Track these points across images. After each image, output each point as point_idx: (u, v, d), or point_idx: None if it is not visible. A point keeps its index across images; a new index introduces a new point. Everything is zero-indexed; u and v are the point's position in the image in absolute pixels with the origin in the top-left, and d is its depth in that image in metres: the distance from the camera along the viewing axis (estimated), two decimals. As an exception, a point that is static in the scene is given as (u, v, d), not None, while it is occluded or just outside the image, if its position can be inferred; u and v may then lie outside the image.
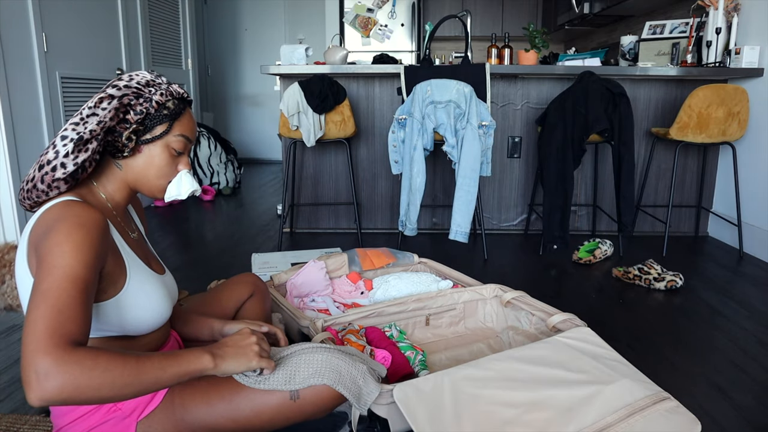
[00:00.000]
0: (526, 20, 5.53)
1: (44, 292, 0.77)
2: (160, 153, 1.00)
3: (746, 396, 1.48)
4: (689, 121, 2.64)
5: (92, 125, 0.92)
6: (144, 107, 0.97)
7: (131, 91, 0.97)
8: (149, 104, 0.97)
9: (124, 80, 0.99)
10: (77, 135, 0.91)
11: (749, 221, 2.83)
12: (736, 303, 2.16)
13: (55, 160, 0.90)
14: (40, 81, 2.75)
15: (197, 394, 1.00)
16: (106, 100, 0.95)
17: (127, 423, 0.97)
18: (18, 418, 1.33)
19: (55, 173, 0.90)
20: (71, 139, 0.91)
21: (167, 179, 1.03)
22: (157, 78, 1.01)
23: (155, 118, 0.98)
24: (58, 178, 0.90)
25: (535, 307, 1.61)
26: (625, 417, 1.12)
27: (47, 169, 0.90)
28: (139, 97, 0.97)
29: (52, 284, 0.78)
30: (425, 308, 1.68)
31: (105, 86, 0.98)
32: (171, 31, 4.33)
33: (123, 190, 1.02)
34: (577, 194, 3.19)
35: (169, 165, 1.02)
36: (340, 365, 1.01)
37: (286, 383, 0.98)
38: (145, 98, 0.97)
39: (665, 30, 3.16)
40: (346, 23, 5.11)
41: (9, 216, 2.60)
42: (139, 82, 0.99)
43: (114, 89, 0.96)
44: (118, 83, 0.98)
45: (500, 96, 3.08)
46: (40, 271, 0.80)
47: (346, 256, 2.05)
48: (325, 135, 2.76)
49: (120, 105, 0.95)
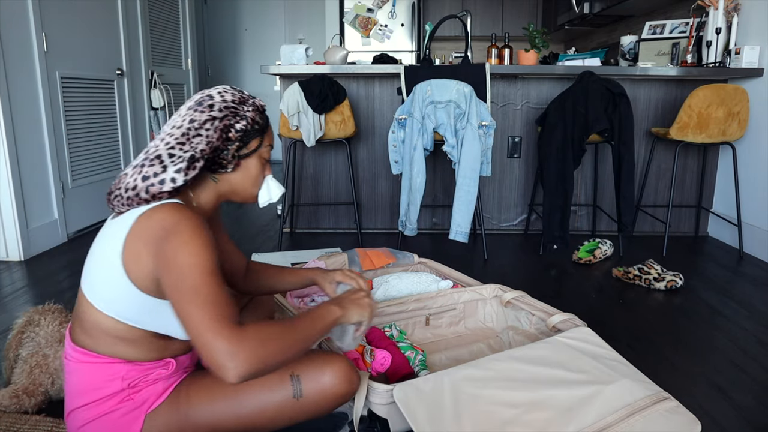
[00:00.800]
0: (526, 20, 5.53)
1: (193, 289, 0.87)
2: (255, 164, 1.09)
3: (746, 396, 1.49)
4: (689, 121, 2.64)
5: (202, 145, 1.00)
6: (242, 125, 1.04)
7: (230, 111, 1.04)
8: (246, 121, 1.05)
9: (216, 99, 1.04)
10: (188, 154, 0.98)
11: (749, 221, 2.83)
12: (736, 303, 2.16)
13: (163, 174, 0.96)
14: (40, 81, 2.75)
15: (202, 390, 1.03)
16: (209, 121, 1.01)
17: (136, 414, 0.99)
18: (18, 417, 1.33)
19: (163, 186, 0.95)
20: (182, 158, 0.97)
21: (259, 187, 1.12)
22: (243, 93, 1.08)
23: (251, 133, 1.06)
24: (165, 191, 0.96)
25: (535, 307, 1.61)
26: (625, 417, 1.12)
27: (154, 181, 0.95)
28: (236, 115, 1.04)
29: (196, 280, 0.87)
30: (425, 308, 1.68)
31: (197, 103, 1.04)
32: (171, 31, 4.33)
33: (213, 201, 1.09)
34: (577, 194, 3.19)
35: (261, 174, 1.11)
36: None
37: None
38: (241, 116, 1.05)
39: (665, 30, 3.16)
40: (346, 23, 5.11)
41: (9, 216, 2.60)
42: (233, 100, 1.06)
43: (215, 111, 1.02)
44: (214, 102, 1.04)
45: (500, 96, 3.08)
46: (173, 271, 0.88)
47: (346, 256, 2.05)
48: (325, 135, 2.76)
49: (223, 126, 1.02)
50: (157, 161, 0.97)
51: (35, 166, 2.74)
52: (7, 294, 2.21)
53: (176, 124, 1.02)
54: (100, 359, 0.98)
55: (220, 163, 1.04)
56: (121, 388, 0.99)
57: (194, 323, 0.85)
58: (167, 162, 0.97)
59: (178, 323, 0.98)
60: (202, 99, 1.05)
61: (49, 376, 1.38)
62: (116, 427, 0.98)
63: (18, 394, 1.35)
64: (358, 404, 1.11)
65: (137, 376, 1.00)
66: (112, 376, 0.98)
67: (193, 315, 0.85)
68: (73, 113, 3.05)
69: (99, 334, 0.98)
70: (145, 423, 0.99)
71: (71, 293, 2.21)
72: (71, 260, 2.64)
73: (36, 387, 1.37)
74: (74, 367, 1.00)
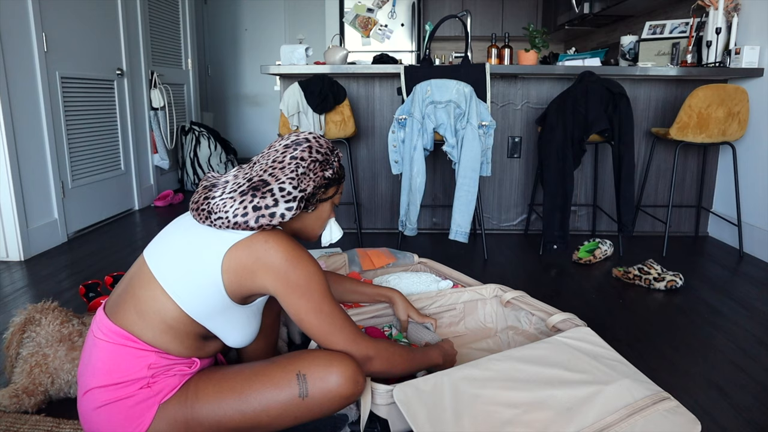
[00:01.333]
0: (526, 20, 5.53)
1: (330, 312, 1.06)
2: (327, 209, 1.20)
3: (746, 396, 1.49)
4: (689, 121, 2.64)
5: (310, 187, 1.11)
6: (330, 173, 1.16)
7: (326, 158, 1.15)
8: (332, 170, 1.17)
9: (313, 143, 1.14)
10: (300, 195, 1.08)
11: (749, 221, 2.83)
12: (736, 303, 2.16)
13: (274, 208, 1.04)
14: (40, 81, 2.75)
15: (210, 385, 1.04)
16: (314, 163, 1.12)
17: (151, 403, 1.01)
18: (18, 417, 1.33)
19: (273, 220, 1.04)
20: (294, 197, 1.07)
21: (323, 229, 1.23)
22: (329, 143, 1.19)
23: (333, 181, 1.18)
24: (273, 223, 1.04)
25: (534, 307, 1.61)
26: (625, 417, 1.12)
27: (265, 213, 1.04)
28: (328, 163, 1.16)
29: (330, 306, 1.06)
30: (425, 308, 1.68)
31: (294, 143, 1.14)
32: (171, 31, 4.33)
33: (289, 229, 1.18)
34: (577, 194, 3.19)
35: (329, 217, 1.22)
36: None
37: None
38: (330, 164, 1.16)
39: (665, 30, 3.16)
40: (346, 23, 5.11)
41: (9, 216, 2.60)
42: (328, 148, 1.17)
43: (315, 153, 1.13)
44: (312, 146, 1.14)
45: (500, 96, 3.08)
46: (307, 295, 1.04)
47: (346, 256, 2.05)
48: (325, 135, 2.76)
49: (322, 171, 1.14)
50: (269, 194, 1.05)
51: (35, 166, 2.74)
52: (7, 294, 2.21)
53: (276, 159, 1.11)
54: (136, 344, 1.01)
55: (305, 204, 1.12)
56: (143, 376, 1.01)
57: (339, 337, 1.07)
58: (278, 196, 1.05)
59: (235, 330, 1.09)
60: (298, 140, 1.14)
61: (49, 375, 1.38)
62: (130, 414, 1.00)
63: (18, 393, 1.35)
64: (365, 406, 1.11)
65: (161, 367, 1.02)
66: (140, 362, 1.01)
67: (334, 334, 1.06)
68: (73, 113, 3.05)
69: (155, 319, 1.02)
70: (156, 413, 1.01)
71: (71, 293, 2.21)
72: (71, 260, 2.64)
73: (36, 386, 1.37)
74: (104, 347, 1.03)
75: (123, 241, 2.99)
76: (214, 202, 1.05)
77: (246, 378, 1.05)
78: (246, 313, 1.10)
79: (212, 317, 1.05)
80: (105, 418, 1.01)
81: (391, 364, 1.12)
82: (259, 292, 1.06)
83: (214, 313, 1.05)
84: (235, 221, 1.02)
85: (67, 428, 1.30)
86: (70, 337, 1.43)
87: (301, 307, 1.04)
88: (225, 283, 1.02)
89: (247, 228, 1.03)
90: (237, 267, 1.02)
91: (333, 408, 1.05)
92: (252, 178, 1.08)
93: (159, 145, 4.02)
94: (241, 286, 1.03)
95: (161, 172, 4.19)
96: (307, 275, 1.04)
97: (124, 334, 1.02)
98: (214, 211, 1.04)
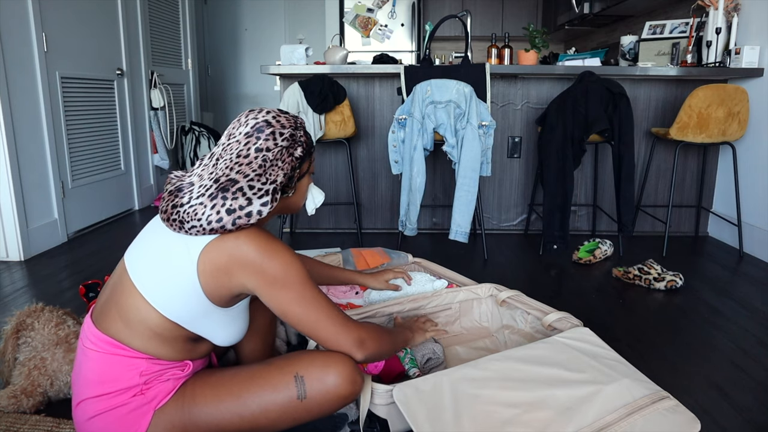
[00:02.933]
0: (526, 20, 5.53)
1: (313, 299, 1.03)
2: (306, 182, 1.15)
3: (746, 396, 1.48)
4: (689, 121, 2.64)
5: (280, 177, 1.04)
6: (299, 152, 1.09)
7: (292, 139, 1.08)
8: (302, 147, 1.09)
9: (276, 126, 1.06)
10: (272, 187, 1.02)
11: (749, 221, 2.83)
12: (736, 303, 2.16)
13: (249, 207, 0.99)
14: (40, 81, 2.75)
15: (207, 388, 1.04)
16: (280, 151, 1.05)
17: (145, 410, 1.00)
18: (18, 417, 1.33)
19: (251, 219, 0.99)
20: (266, 191, 1.01)
21: (306, 199, 1.20)
22: (289, 116, 1.11)
23: (305, 157, 1.11)
24: (252, 222, 1.00)
25: (530, 306, 1.61)
26: (625, 416, 1.11)
27: (240, 214, 0.98)
28: (295, 142, 1.08)
29: (312, 292, 1.03)
30: (421, 308, 1.68)
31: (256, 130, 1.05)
32: (171, 31, 4.33)
33: (268, 217, 1.13)
34: (577, 194, 3.19)
35: (308, 187, 1.18)
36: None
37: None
38: (298, 142, 1.09)
39: (665, 30, 3.16)
40: (346, 23, 5.11)
41: (9, 216, 2.60)
42: (292, 124, 1.09)
43: (280, 140, 1.05)
44: (275, 130, 1.05)
45: (500, 96, 3.08)
46: (291, 288, 1.01)
47: (341, 255, 2.05)
48: (325, 135, 2.76)
49: (290, 155, 1.06)
50: (240, 194, 0.99)
51: (35, 166, 2.74)
52: (7, 294, 2.21)
53: (240, 153, 1.03)
54: (126, 352, 1.00)
55: (284, 189, 1.08)
56: (136, 383, 1.00)
57: (327, 323, 1.04)
58: (249, 194, 1.00)
59: (222, 330, 1.06)
60: (259, 126, 1.05)
61: (48, 377, 1.38)
62: (125, 422, 0.99)
63: (16, 394, 1.35)
64: (364, 405, 1.11)
65: (153, 373, 1.01)
66: (131, 369, 1.00)
67: (321, 318, 1.03)
68: (73, 113, 3.05)
69: (140, 327, 1.00)
70: (152, 420, 1.00)
71: (71, 293, 2.21)
72: (71, 260, 2.64)
73: (34, 388, 1.37)
74: (94, 356, 1.01)
75: (123, 241, 2.99)
76: (184, 210, 0.98)
77: (243, 381, 1.03)
78: (230, 314, 1.07)
79: (196, 321, 1.02)
80: (99, 427, 1.00)
81: (380, 344, 1.11)
82: (239, 292, 1.03)
83: (197, 316, 1.02)
84: (210, 228, 0.97)
85: (66, 428, 1.30)
86: (67, 339, 1.43)
87: (283, 298, 1.01)
88: (203, 286, 0.99)
89: (224, 232, 0.99)
90: (212, 269, 0.98)
91: (332, 408, 1.04)
92: (219, 178, 1.01)
93: (159, 145, 4.02)
94: (219, 287, 1.00)
95: (161, 172, 4.19)
96: (283, 265, 1.00)
97: (112, 343, 1.00)
98: (185, 220, 0.98)
